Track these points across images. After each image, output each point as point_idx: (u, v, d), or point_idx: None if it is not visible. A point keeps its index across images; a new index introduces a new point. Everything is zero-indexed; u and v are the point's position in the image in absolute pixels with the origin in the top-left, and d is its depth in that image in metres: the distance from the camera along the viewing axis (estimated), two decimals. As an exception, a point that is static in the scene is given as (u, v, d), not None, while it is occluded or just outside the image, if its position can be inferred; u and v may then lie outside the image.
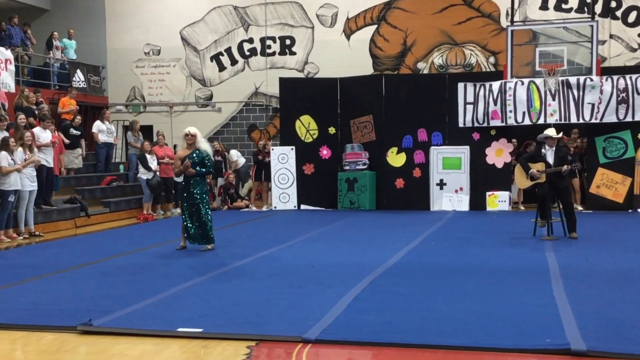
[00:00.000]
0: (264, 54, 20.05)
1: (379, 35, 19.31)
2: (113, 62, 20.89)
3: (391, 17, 19.25)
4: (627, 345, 5.15)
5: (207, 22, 20.32)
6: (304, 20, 19.80)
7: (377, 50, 19.37)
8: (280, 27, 19.95)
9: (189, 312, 6.41)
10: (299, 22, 19.84)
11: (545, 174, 10.87)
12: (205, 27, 20.34)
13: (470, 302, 6.63)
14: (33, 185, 12.56)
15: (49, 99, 17.23)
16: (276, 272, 8.51)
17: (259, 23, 20.07)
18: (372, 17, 19.37)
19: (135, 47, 20.74)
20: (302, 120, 17.41)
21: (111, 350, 5.45)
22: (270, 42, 20.01)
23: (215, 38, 20.32)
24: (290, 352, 5.28)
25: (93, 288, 7.75)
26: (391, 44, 19.23)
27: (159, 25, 20.49)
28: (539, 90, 15.49)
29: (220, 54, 20.33)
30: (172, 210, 16.78)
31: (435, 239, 11.31)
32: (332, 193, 17.05)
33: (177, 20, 20.39)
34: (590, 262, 8.81)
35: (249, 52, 20.16)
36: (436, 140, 16.62)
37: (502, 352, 5.16)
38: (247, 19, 20.11)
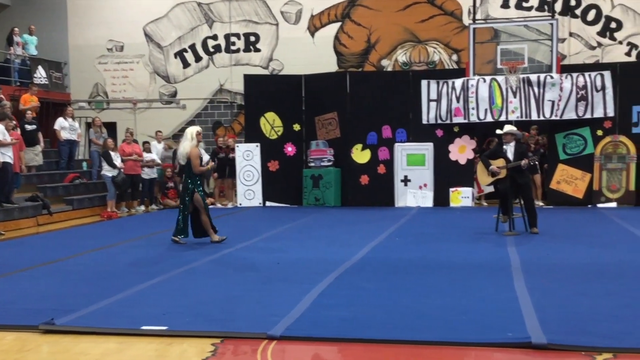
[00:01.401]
0: (229, 50, 19.97)
1: (343, 33, 19.36)
2: (75, 59, 20.61)
3: (355, 14, 19.31)
4: (586, 338, 5.26)
5: (171, 18, 20.17)
6: (269, 17, 19.76)
7: (341, 48, 19.41)
8: (245, 24, 19.88)
9: (153, 310, 6.38)
10: (263, 19, 19.80)
11: (506, 170, 11.03)
12: (169, 23, 20.18)
13: (435, 297, 6.71)
14: (-7, 184, 12.38)
15: (10, 95, 16.96)
16: (242, 269, 8.51)
17: (223, 20, 19.97)
18: (336, 14, 19.41)
19: (98, 44, 20.49)
20: (266, 117, 17.40)
21: (74, 350, 5.41)
22: (234, 38, 19.93)
23: (179, 34, 20.18)
24: (255, 349, 5.28)
25: (56, 287, 7.67)
26: (355, 41, 19.29)
27: (122, 22, 20.27)
28: (501, 88, 15.70)
29: (185, 50, 20.20)
30: (137, 208, 16.64)
31: (400, 235, 11.40)
32: (297, 190, 17.09)
33: (141, 17, 20.20)
34: (551, 257, 8.95)
35: (213, 48, 20.06)
36: (400, 137, 16.74)
37: (465, 347, 5.24)
38: (211, 16, 20.01)
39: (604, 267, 8.15)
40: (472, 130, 16.40)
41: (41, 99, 18.26)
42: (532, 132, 16.29)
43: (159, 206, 17.36)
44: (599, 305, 6.30)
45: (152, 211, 16.83)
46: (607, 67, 15.93)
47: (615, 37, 18.09)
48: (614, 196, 15.62)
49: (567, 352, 5.05)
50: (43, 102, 18.61)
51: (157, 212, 16.69)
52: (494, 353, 5.14)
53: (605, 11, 18.10)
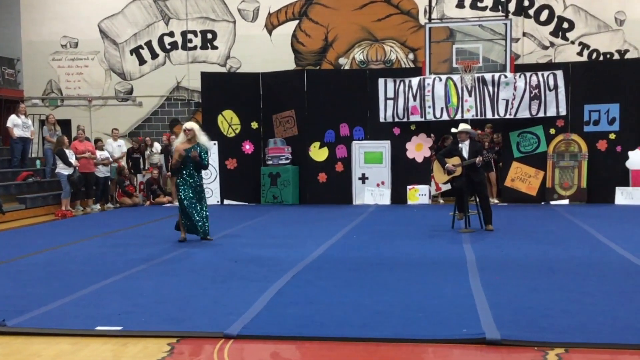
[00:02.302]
0: (185, 47, 19.83)
1: (301, 31, 19.38)
2: (28, 55, 20.25)
3: (312, 12, 19.34)
4: (539, 334, 5.35)
5: (127, 14, 19.94)
6: (226, 14, 19.67)
7: (299, 46, 19.42)
8: (202, 21, 19.76)
9: (109, 310, 6.32)
10: (220, 16, 19.70)
11: (462, 168, 11.16)
12: (124, 19, 19.96)
13: (392, 295, 6.76)
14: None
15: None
16: (199, 267, 8.46)
17: (179, 16, 19.82)
18: (293, 12, 19.42)
19: (52, 40, 20.17)
20: (224, 115, 17.32)
21: (26, 351, 5.32)
22: (191, 36, 19.80)
23: (135, 31, 19.97)
24: (212, 348, 5.27)
25: (8, 287, 7.53)
26: (313, 39, 19.33)
27: (77, 18, 19.98)
28: (456, 87, 15.86)
29: (141, 47, 19.99)
30: (92, 207, 16.42)
31: (358, 233, 11.45)
32: (255, 188, 17.05)
33: (95, 13, 19.94)
34: (505, 254, 9.09)
35: (170, 45, 19.90)
36: (358, 135, 16.81)
37: (420, 343, 5.29)
38: (167, 12, 19.84)
39: (556, 264, 8.29)
40: (428, 128, 16.55)
41: (-7, 96, 17.95)
42: (486, 130, 16.51)
43: (115, 205, 17.17)
44: (552, 300, 6.41)
45: (108, 209, 16.63)
46: (559, 66, 16.21)
47: (568, 37, 18.45)
48: (567, 193, 15.92)
49: (521, 348, 5.13)
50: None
51: (112, 210, 16.50)
52: (449, 349, 5.21)
53: (557, 12, 18.45)
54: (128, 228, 12.70)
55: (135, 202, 17.20)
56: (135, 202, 17.20)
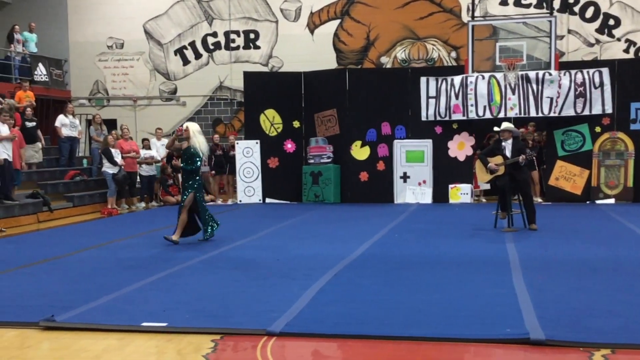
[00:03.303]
0: (228, 47, 19.99)
1: (343, 30, 19.39)
2: (75, 56, 20.64)
3: (354, 11, 19.34)
4: (584, 334, 5.29)
5: (171, 15, 20.19)
6: (268, 14, 19.78)
7: (340, 45, 19.44)
8: (245, 21, 19.91)
9: (153, 307, 6.41)
10: (262, 16, 19.82)
11: (505, 167, 11.06)
12: (168, 20, 20.21)
13: (433, 293, 6.74)
14: (-7, 181, 12.41)
15: (10, 92, 16.98)
16: (241, 265, 8.54)
17: (222, 17, 19.99)
18: (335, 11, 19.44)
19: (98, 41, 20.52)
20: (266, 114, 17.43)
21: (74, 346, 5.43)
22: (234, 36, 19.95)
23: (179, 32, 20.21)
24: (255, 345, 5.31)
25: (56, 283, 7.69)
26: (354, 38, 19.32)
27: (122, 19, 20.30)
28: (499, 85, 15.71)
29: (184, 47, 20.22)
30: (137, 205, 16.67)
31: (399, 231, 11.42)
32: (297, 186, 17.12)
33: (140, 14, 20.23)
34: (549, 253, 8.98)
35: (213, 46, 20.08)
36: (399, 134, 16.77)
37: (463, 342, 5.27)
38: (210, 13, 20.03)
39: (602, 263, 8.18)
40: (470, 127, 16.43)
41: (41, 97, 18.31)
42: (529, 128, 16.31)
43: (159, 203, 17.40)
44: (597, 301, 6.33)
45: (152, 208, 16.87)
46: (605, 64, 15.96)
47: (614, 34, 18.12)
48: (612, 192, 15.65)
49: (565, 348, 5.08)
50: (43, 99, 18.68)
51: (157, 208, 16.73)
52: (492, 349, 5.17)
53: (603, 8, 18.14)
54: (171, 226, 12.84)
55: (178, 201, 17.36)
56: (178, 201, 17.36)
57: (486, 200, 16.31)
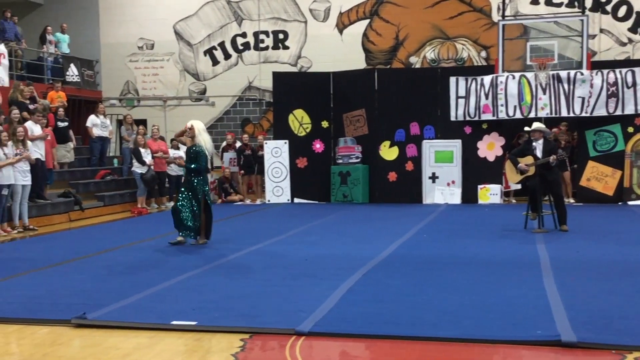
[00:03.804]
0: (257, 48, 20.06)
1: (372, 30, 19.35)
2: (107, 56, 20.86)
3: (383, 11, 19.29)
4: (616, 337, 5.22)
5: (201, 16, 20.31)
6: (297, 14, 19.81)
7: (369, 45, 19.40)
8: (274, 22, 19.96)
9: (182, 305, 6.45)
10: (292, 17, 19.86)
11: (535, 167, 10.96)
12: (198, 21, 20.33)
13: (462, 294, 6.70)
14: (26, 180, 12.57)
15: (42, 93, 17.22)
16: (270, 265, 8.56)
17: (252, 17, 20.07)
18: (364, 11, 19.41)
19: (129, 41, 20.71)
20: (295, 114, 17.45)
21: (105, 344, 5.49)
22: (263, 36, 20.02)
23: (209, 32, 20.32)
24: (283, 344, 5.32)
25: (87, 282, 7.78)
26: (384, 38, 19.28)
27: (153, 20, 20.47)
28: (530, 84, 15.57)
29: (214, 48, 20.33)
30: (167, 204, 16.80)
31: (428, 232, 11.38)
32: (325, 186, 17.12)
33: (171, 15, 20.38)
34: (581, 254, 8.89)
35: (242, 46, 20.17)
36: (428, 134, 16.70)
37: (493, 344, 5.23)
38: (240, 14, 20.11)
39: (634, 265, 8.07)
40: (500, 127, 16.30)
41: (73, 97, 18.53)
42: (561, 128, 16.12)
43: (188, 203, 17.47)
44: (629, 303, 6.25)
45: (182, 207, 16.94)
46: (638, 63, 15.74)
47: (647, 33, 17.88)
48: (646, 194, 15.45)
49: (597, 351, 5.02)
50: (75, 99, 18.91)
51: (186, 208, 16.81)
52: (523, 351, 5.13)
53: (636, 7, 17.90)
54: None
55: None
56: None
57: (516, 201, 16.16)
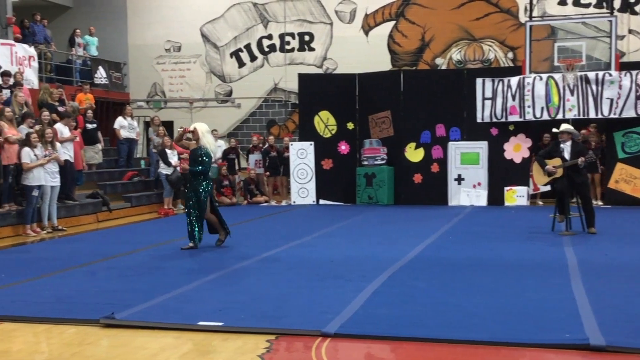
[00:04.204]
0: (283, 50, 20.11)
1: (398, 31, 19.31)
2: (134, 59, 21.04)
3: (409, 13, 19.24)
4: (645, 340, 5.17)
5: (227, 18, 20.41)
6: (323, 16, 19.83)
7: (395, 46, 19.37)
8: (299, 24, 20.00)
9: (209, 306, 6.49)
10: (317, 19, 19.88)
11: (563, 169, 10.87)
12: (225, 23, 20.43)
13: (489, 297, 6.66)
14: (55, 181, 12.71)
15: (71, 95, 17.41)
16: (295, 266, 8.58)
17: (278, 19, 20.13)
18: (390, 13, 19.38)
19: (156, 44, 20.88)
20: (320, 115, 17.47)
21: (133, 344, 5.53)
22: (289, 38, 20.07)
23: (235, 34, 20.41)
24: (309, 346, 5.33)
25: (115, 282, 7.85)
26: (409, 39, 19.23)
27: (180, 22, 20.61)
28: (558, 86, 15.44)
29: (240, 50, 20.42)
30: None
31: (454, 234, 11.33)
32: (351, 188, 17.11)
33: (198, 17, 20.50)
34: (609, 257, 8.80)
35: (268, 48, 20.23)
36: (454, 136, 16.62)
37: (520, 347, 5.19)
38: (266, 16, 20.18)
39: (664, 269, 7.98)
40: (527, 128, 16.18)
41: (101, 99, 18.73)
42: (590, 130, 15.95)
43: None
44: (659, 307, 6.18)
45: (208, 209, 17.02)
46: (668, 64, 15.55)
47: (677, 33, 17.64)
48: (675, 196, 15.24)
49: (626, 355, 4.97)
50: (103, 101, 19.10)
51: (212, 209, 16.89)
52: (550, 354, 5.08)
53: (666, 7, 17.67)
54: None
55: (233, 202, 17.57)
56: (233, 202, 17.57)
57: (543, 203, 16.03)
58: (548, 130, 15.04)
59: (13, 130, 12.50)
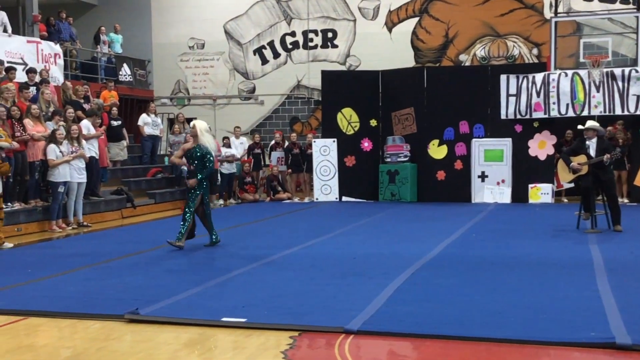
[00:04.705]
0: (306, 47, 20.12)
1: (421, 28, 19.24)
2: (158, 56, 21.17)
3: (433, 9, 19.16)
4: (672, 339, 5.11)
5: (250, 16, 20.46)
6: (346, 13, 19.81)
7: (418, 43, 19.30)
8: (323, 20, 19.99)
9: (232, 302, 6.51)
10: (341, 15, 19.86)
11: (588, 166, 10.76)
12: (248, 21, 20.49)
13: (513, 295, 6.62)
14: (81, 178, 12.81)
15: (96, 92, 17.55)
16: (318, 263, 8.58)
17: (301, 16, 20.14)
18: (414, 9, 19.31)
19: (180, 41, 20.99)
20: (343, 112, 17.46)
21: (157, 339, 5.57)
22: (312, 35, 20.07)
23: (258, 32, 20.46)
24: (332, 342, 5.33)
25: (139, 278, 7.90)
26: (433, 36, 19.15)
27: (203, 20, 20.70)
28: (583, 82, 15.30)
29: (263, 47, 20.46)
30: (215, 202, 16.93)
31: (477, 231, 11.27)
32: (374, 185, 17.09)
33: (221, 14, 20.58)
34: (635, 255, 8.70)
35: (292, 45, 20.25)
36: (478, 133, 16.53)
37: (545, 345, 5.15)
38: (289, 13, 20.20)
39: (692, 268, 7.87)
40: (552, 125, 16.04)
41: (125, 96, 18.86)
42: (617, 126, 15.77)
43: (237, 200, 17.65)
44: (686, 306, 6.10)
45: (230, 205, 17.12)
46: (696, 60, 15.33)
47: None
48: (703, 194, 15.03)
49: (652, 354, 4.92)
50: (127, 98, 19.24)
51: (235, 206, 16.98)
52: (576, 353, 5.04)
53: (695, 2, 17.40)
54: (248, 223, 13.05)
55: (255, 198, 17.63)
56: (255, 198, 17.63)
57: (568, 201, 15.89)
58: (572, 127, 14.93)
59: (39, 127, 12.62)
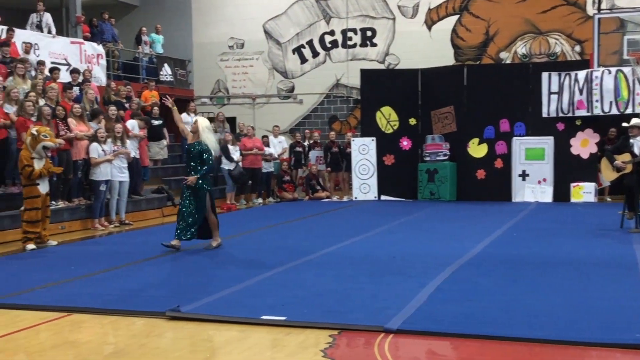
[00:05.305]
0: (345, 45, 20.12)
1: (461, 26, 19.10)
2: (199, 56, 21.37)
3: (473, 6, 19.01)
4: None
5: (290, 15, 20.53)
6: (385, 11, 19.76)
7: (458, 41, 19.16)
8: (362, 19, 19.97)
9: (272, 300, 6.54)
10: (380, 14, 19.82)
11: (633, 164, 10.58)
12: (287, 20, 20.56)
13: (555, 295, 6.54)
14: (123, 176, 12.97)
15: (137, 92, 17.78)
16: (357, 262, 8.58)
17: (340, 15, 20.14)
18: (454, 7, 19.18)
19: (220, 41, 21.16)
20: (382, 111, 17.42)
21: (198, 336, 5.62)
22: (351, 34, 20.06)
23: (297, 31, 20.51)
24: (372, 341, 5.32)
25: (180, 276, 8.00)
26: (473, 34, 19.00)
27: (243, 19, 20.84)
28: (627, 79, 15.05)
29: (302, 46, 20.51)
30: (254, 200, 17.05)
31: (518, 230, 11.16)
32: (413, 184, 17.01)
33: (260, 14, 20.69)
34: (681, 256, 8.55)
35: (330, 44, 20.26)
36: (519, 131, 16.36)
37: (588, 347, 5.08)
38: (328, 12, 20.22)
39: None
40: (595, 123, 15.80)
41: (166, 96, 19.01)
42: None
43: (275, 199, 17.73)
44: None
45: (269, 204, 17.20)
46: None
47: None
48: None
49: (698, 356, 4.83)
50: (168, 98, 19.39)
51: (274, 204, 17.05)
52: (618, 354, 4.97)
53: None
54: (288, 222, 13.10)
55: (294, 197, 17.68)
56: (294, 197, 17.68)
57: (611, 200, 15.64)
58: (616, 125, 14.68)
59: (82, 126, 12.82)
